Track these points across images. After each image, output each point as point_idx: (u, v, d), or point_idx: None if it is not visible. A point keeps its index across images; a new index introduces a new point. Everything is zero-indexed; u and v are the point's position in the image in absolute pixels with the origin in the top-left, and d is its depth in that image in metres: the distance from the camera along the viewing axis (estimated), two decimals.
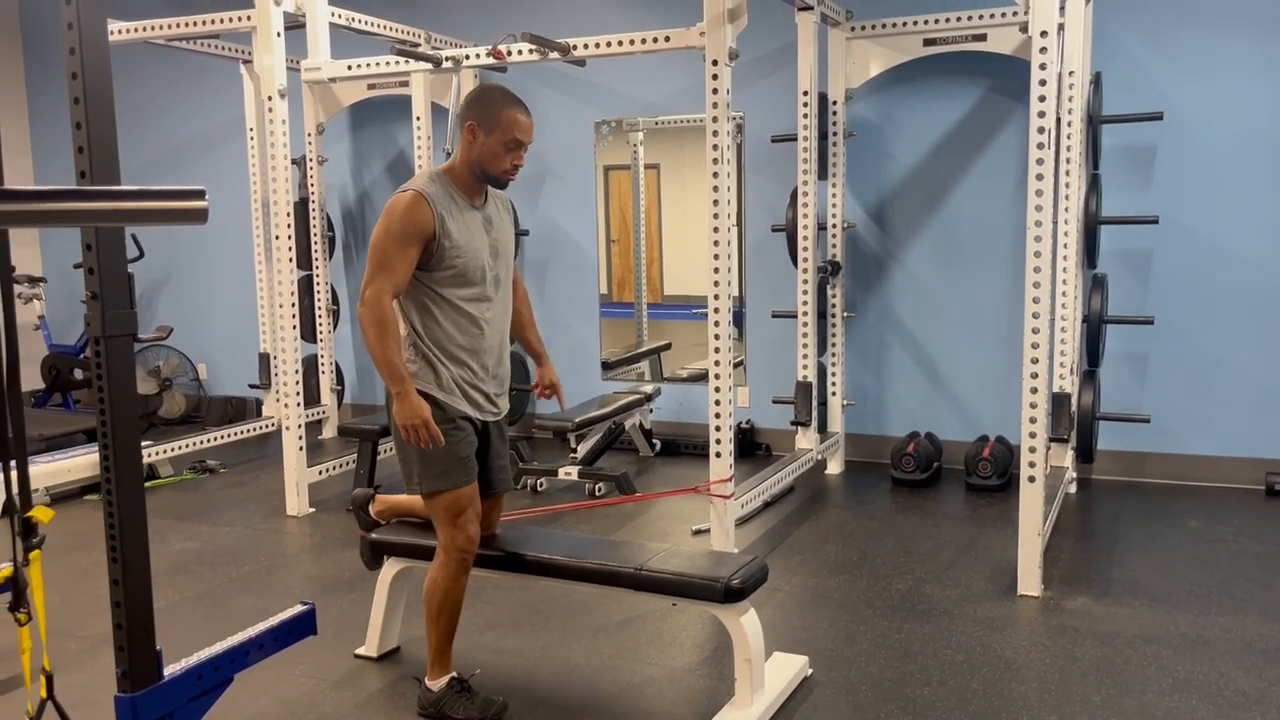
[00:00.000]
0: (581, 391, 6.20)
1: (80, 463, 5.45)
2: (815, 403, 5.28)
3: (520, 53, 4.50)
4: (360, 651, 3.37)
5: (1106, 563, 4.15)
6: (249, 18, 4.84)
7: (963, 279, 5.56)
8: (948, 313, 5.61)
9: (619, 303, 6.47)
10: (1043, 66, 3.47)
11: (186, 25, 5.25)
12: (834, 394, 5.56)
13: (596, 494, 5.14)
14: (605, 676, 3.21)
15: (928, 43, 5.24)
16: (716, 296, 4.11)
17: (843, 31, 5.31)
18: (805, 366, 5.24)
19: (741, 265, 5.98)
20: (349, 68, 4.79)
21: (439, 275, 2.80)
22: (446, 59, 4.69)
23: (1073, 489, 5.10)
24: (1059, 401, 4.80)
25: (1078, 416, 4.97)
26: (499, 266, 2.93)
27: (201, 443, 5.89)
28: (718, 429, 4.22)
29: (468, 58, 4.67)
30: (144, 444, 5.82)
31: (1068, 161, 4.59)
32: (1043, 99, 3.47)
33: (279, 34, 4.72)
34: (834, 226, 5.45)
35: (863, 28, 5.30)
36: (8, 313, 1.87)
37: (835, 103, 5.37)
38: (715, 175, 4.08)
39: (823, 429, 5.53)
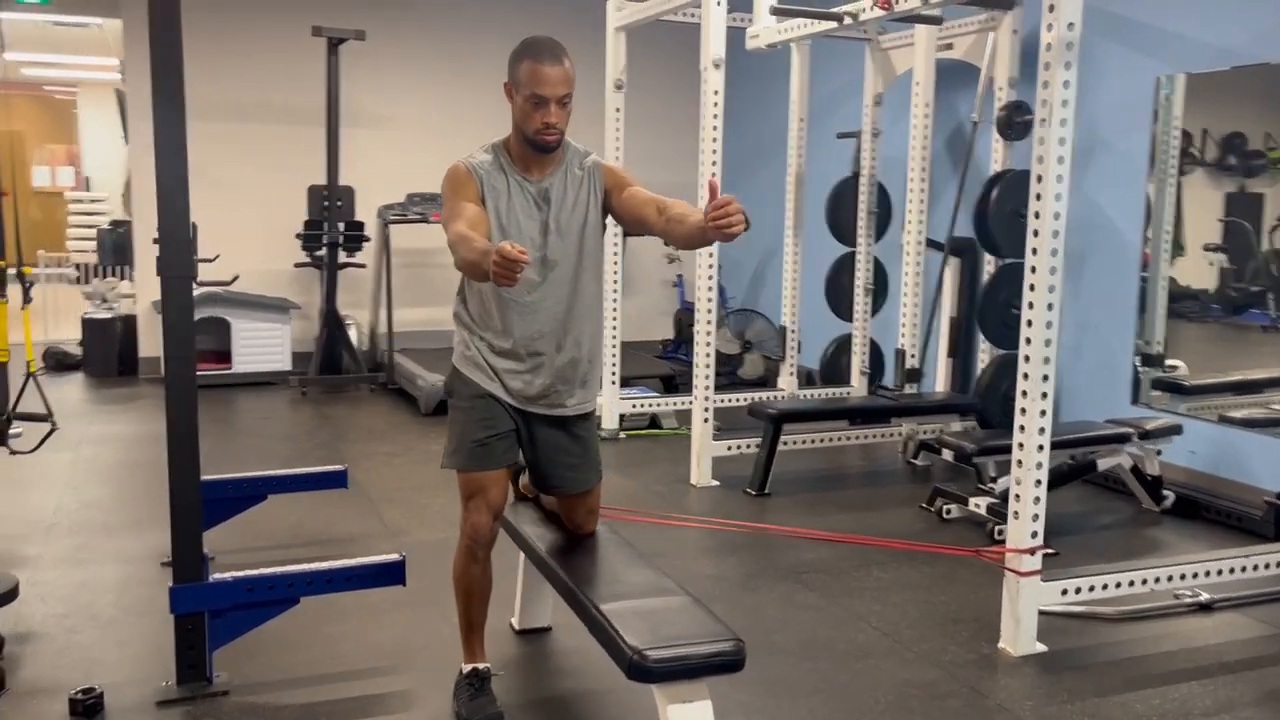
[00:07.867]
0: (1094, 413, 5.01)
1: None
2: None
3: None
4: (511, 620, 3.37)
5: None
6: None
7: None
8: None
9: None
10: None
11: None
12: None
13: (996, 536, 4.19)
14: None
15: None
16: (1032, 285, 3.07)
17: None
18: None
19: None
20: (778, 32, 4.53)
21: None
22: (844, 14, 4.17)
23: None
24: None
25: None
26: (549, 246, 2.65)
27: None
28: (1019, 481, 3.17)
29: (863, 12, 4.09)
30: (660, 397, 6.29)
31: None
32: None
33: (719, 3, 4.66)
34: None
35: None
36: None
37: None
38: (1042, 143, 3.02)
39: None
